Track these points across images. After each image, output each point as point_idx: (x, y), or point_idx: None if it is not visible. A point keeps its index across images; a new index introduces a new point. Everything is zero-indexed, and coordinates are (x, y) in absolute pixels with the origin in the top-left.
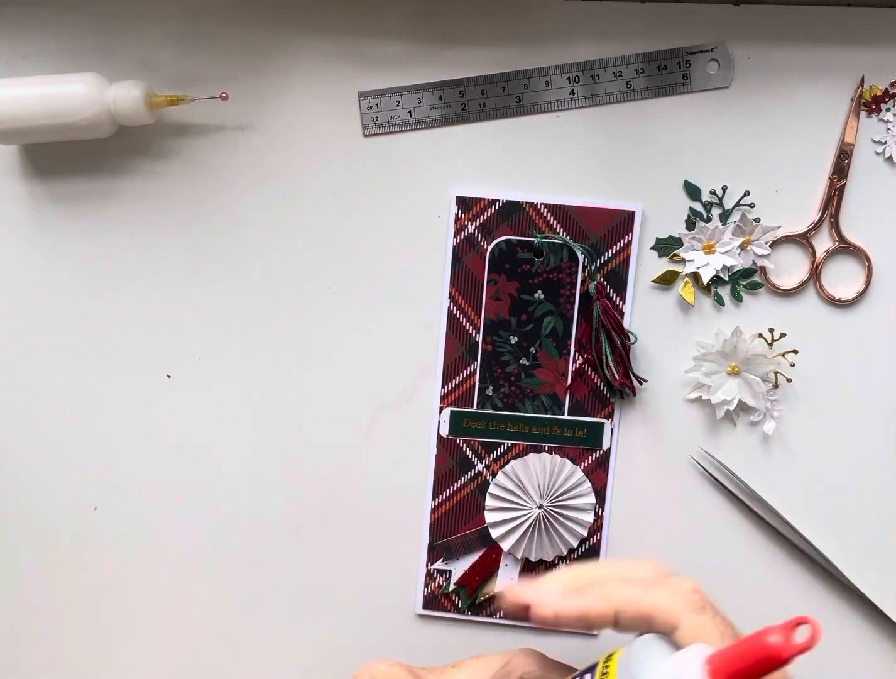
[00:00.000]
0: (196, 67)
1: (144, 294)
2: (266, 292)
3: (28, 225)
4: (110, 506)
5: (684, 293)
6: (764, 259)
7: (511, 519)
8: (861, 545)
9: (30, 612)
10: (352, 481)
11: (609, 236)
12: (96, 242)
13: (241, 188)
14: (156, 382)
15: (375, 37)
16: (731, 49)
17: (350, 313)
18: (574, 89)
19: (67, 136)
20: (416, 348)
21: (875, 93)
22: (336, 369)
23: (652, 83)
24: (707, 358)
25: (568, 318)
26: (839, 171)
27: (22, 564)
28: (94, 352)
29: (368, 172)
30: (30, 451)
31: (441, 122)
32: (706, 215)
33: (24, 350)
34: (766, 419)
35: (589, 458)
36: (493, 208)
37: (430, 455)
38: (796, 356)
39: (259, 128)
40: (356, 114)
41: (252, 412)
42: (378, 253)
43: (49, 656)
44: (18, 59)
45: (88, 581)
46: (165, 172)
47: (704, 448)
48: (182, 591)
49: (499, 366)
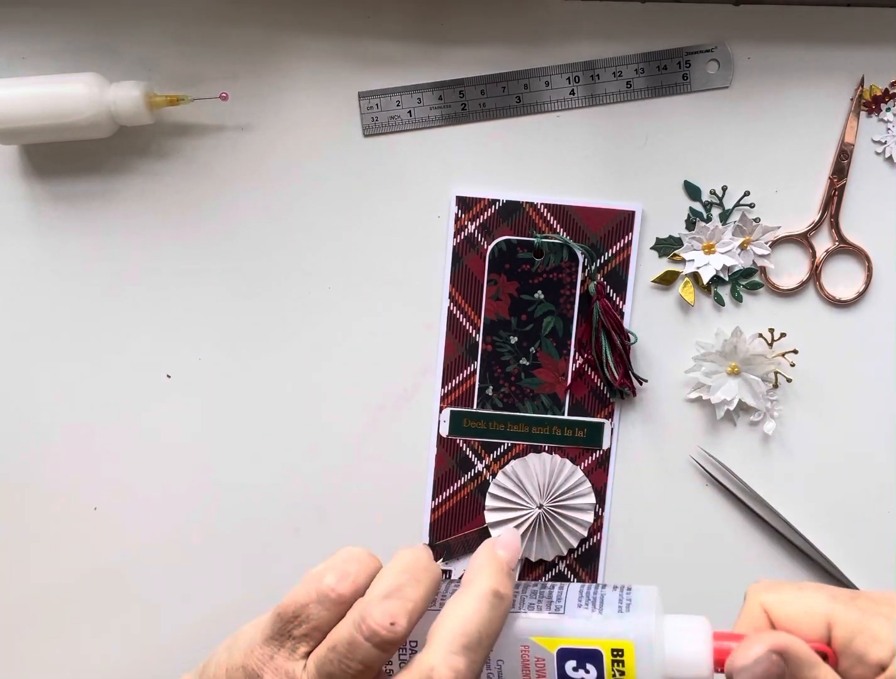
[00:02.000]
0: (196, 67)
1: (144, 294)
2: (266, 292)
3: (28, 225)
4: (110, 506)
5: (684, 293)
6: (764, 259)
7: (511, 519)
8: (861, 545)
9: (30, 611)
10: (352, 481)
11: (609, 236)
12: (96, 242)
13: (241, 188)
14: (156, 382)
15: (375, 37)
16: (731, 49)
17: (350, 313)
18: (574, 89)
19: (67, 136)
20: (416, 348)
21: (875, 93)
22: (336, 369)
23: (652, 83)
24: (707, 358)
25: (568, 318)
26: (839, 171)
27: (22, 564)
28: (94, 352)
29: (368, 172)
30: (30, 451)
31: (441, 122)
32: (706, 215)
33: (24, 350)
34: (766, 419)
35: (589, 458)
36: (493, 208)
37: (430, 455)
38: (796, 356)
39: (259, 128)
40: (356, 114)
41: (252, 412)
42: (378, 253)
43: (49, 656)
44: (18, 59)
45: (88, 581)
46: (165, 172)
47: (704, 448)
48: (182, 591)
49: (499, 366)
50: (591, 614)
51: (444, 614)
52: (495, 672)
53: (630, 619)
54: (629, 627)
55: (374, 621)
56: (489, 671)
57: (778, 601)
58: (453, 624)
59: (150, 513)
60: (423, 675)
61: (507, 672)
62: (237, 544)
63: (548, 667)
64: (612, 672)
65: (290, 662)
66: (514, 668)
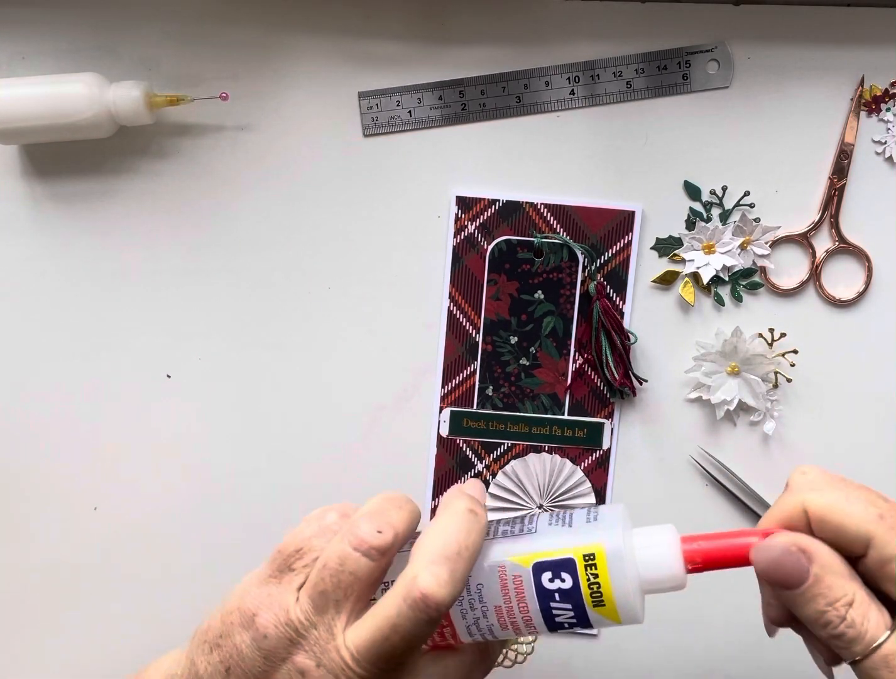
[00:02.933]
0: (196, 67)
1: (144, 294)
2: (266, 292)
3: (28, 225)
4: (110, 506)
5: (684, 293)
6: (764, 259)
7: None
8: None
9: (30, 611)
10: (352, 481)
11: (609, 236)
12: (96, 242)
13: (241, 188)
14: (156, 382)
15: (375, 37)
16: (731, 49)
17: (350, 313)
18: (574, 89)
19: (67, 136)
20: (416, 348)
21: (875, 93)
22: (336, 369)
23: (652, 83)
24: (707, 358)
25: (568, 318)
26: (839, 171)
27: (22, 564)
28: (94, 352)
29: (368, 172)
30: (30, 451)
31: (441, 122)
32: (706, 215)
33: (24, 350)
34: (766, 419)
35: (589, 458)
36: (493, 208)
37: (430, 455)
38: (796, 356)
39: (259, 128)
40: (356, 114)
41: (252, 412)
42: (378, 253)
43: (49, 654)
44: (18, 59)
45: (88, 581)
46: (165, 172)
47: (704, 448)
48: (182, 591)
49: (499, 366)
50: (560, 529)
51: (423, 535)
52: (476, 596)
53: (598, 526)
54: (597, 535)
55: (361, 531)
56: (469, 596)
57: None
58: (432, 539)
59: (150, 512)
60: (406, 584)
61: (487, 595)
62: (237, 544)
63: (525, 582)
64: (586, 576)
65: (285, 596)
66: (493, 589)
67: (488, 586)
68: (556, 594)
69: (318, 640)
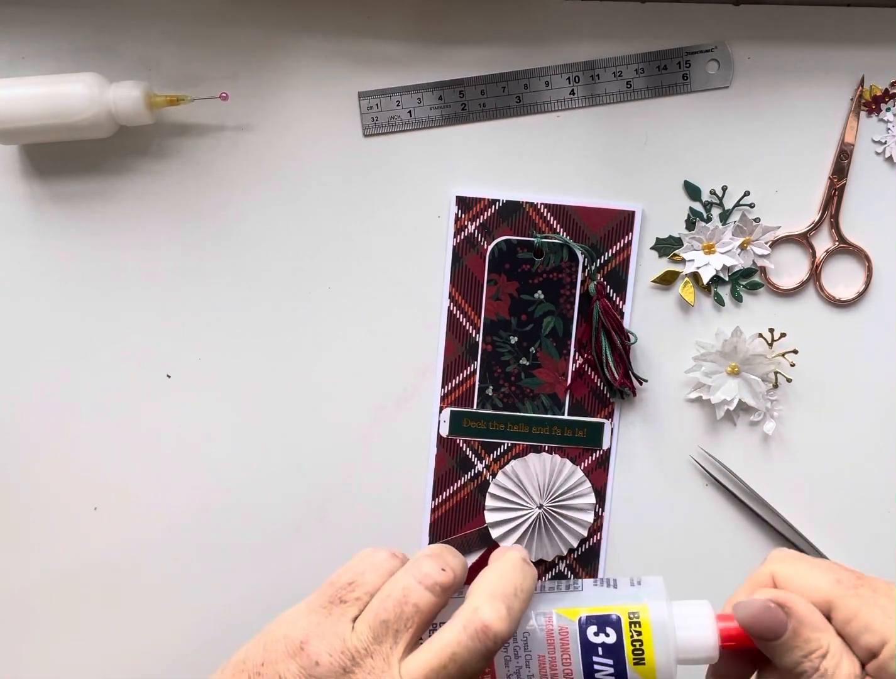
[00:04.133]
0: (196, 67)
1: (144, 294)
2: (266, 292)
3: (28, 225)
4: (110, 506)
5: (684, 293)
6: (764, 259)
7: (511, 519)
8: (861, 545)
9: (30, 612)
10: (352, 481)
11: (609, 236)
12: (96, 242)
13: (241, 188)
14: (156, 382)
15: (375, 37)
16: (731, 49)
17: (350, 313)
18: (574, 89)
19: (67, 136)
20: (416, 348)
21: (875, 93)
22: (336, 369)
23: (652, 83)
24: (707, 358)
25: (568, 318)
26: (839, 171)
27: (22, 564)
28: (93, 352)
29: (368, 172)
30: (30, 451)
31: (441, 122)
32: (706, 215)
33: (24, 350)
34: (766, 419)
35: (589, 458)
36: (493, 208)
37: (430, 455)
38: (796, 356)
39: (259, 128)
40: (356, 114)
41: (252, 412)
42: (378, 253)
43: (49, 655)
44: (18, 59)
45: (88, 581)
46: (165, 172)
47: (704, 448)
48: (182, 591)
49: (499, 366)
50: (605, 590)
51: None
52: (521, 644)
53: (641, 591)
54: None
55: (426, 568)
56: (515, 643)
57: (787, 573)
58: (490, 579)
59: (150, 512)
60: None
61: (533, 643)
62: (237, 544)
63: (570, 634)
64: (629, 634)
65: (339, 625)
66: (539, 638)
67: (534, 635)
68: (599, 648)
69: (374, 668)
